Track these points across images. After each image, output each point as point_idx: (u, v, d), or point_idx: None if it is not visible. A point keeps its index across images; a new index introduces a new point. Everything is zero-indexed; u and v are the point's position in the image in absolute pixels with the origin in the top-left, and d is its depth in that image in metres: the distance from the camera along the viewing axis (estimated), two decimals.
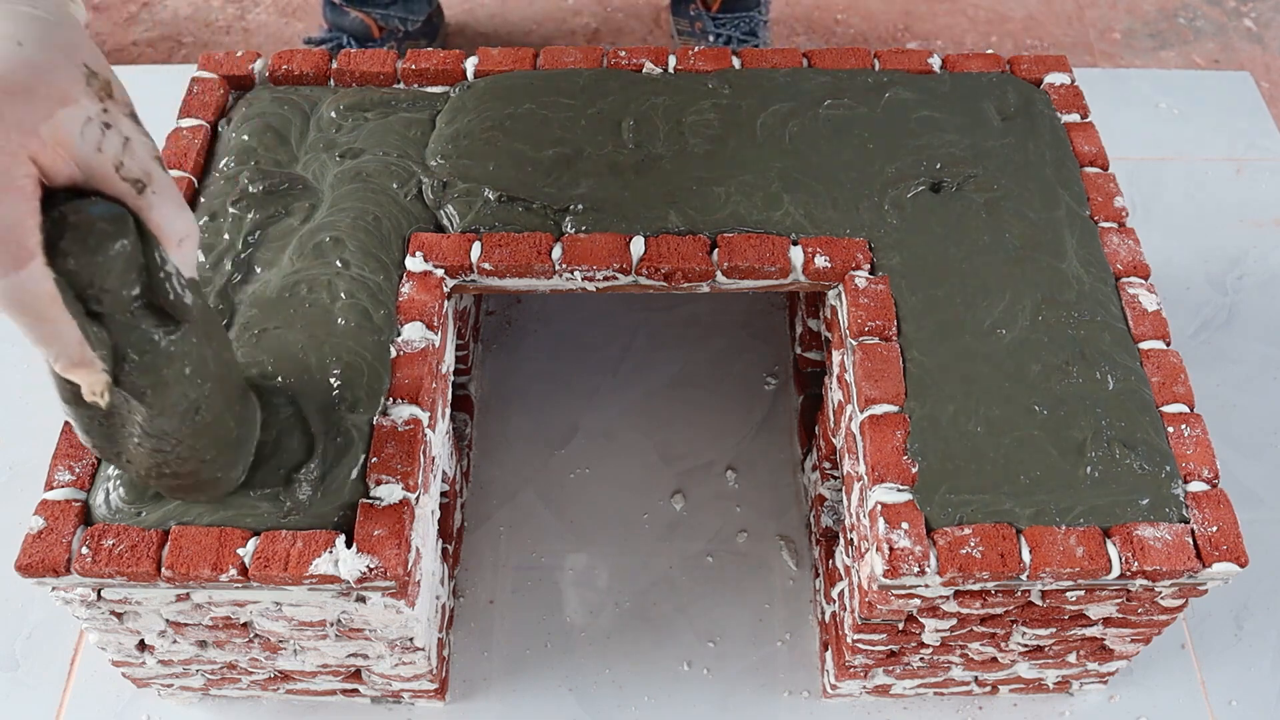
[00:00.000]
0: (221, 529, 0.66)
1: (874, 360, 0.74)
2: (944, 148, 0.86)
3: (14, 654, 0.89)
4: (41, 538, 0.66)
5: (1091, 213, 0.83)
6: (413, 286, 0.77)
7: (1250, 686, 0.89)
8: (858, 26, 1.72)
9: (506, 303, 1.13)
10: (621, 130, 0.86)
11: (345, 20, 1.56)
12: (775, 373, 1.08)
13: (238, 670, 0.80)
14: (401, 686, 0.83)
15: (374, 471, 0.68)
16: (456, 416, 1.01)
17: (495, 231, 0.80)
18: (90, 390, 0.52)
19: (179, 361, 0.56)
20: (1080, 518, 0.68)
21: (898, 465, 0.69)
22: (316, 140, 0.85)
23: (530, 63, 0.91)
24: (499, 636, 0.91)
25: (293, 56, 0.91)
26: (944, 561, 0.66)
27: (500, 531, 0.97)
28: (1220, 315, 1.13)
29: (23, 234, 0.46)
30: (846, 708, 0.88)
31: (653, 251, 0.78)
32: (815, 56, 0.92)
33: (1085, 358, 0.75)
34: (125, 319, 0.53)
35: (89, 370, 0.51)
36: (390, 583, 0.65)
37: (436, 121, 0.86)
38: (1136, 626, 0.75)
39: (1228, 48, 1.69)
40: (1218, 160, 1.27)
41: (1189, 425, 0.72)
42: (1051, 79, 0.92)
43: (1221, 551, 0.67)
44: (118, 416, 0.57)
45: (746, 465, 1.02)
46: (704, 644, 0.91)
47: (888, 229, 0.81)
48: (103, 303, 0.51)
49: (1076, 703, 0.88)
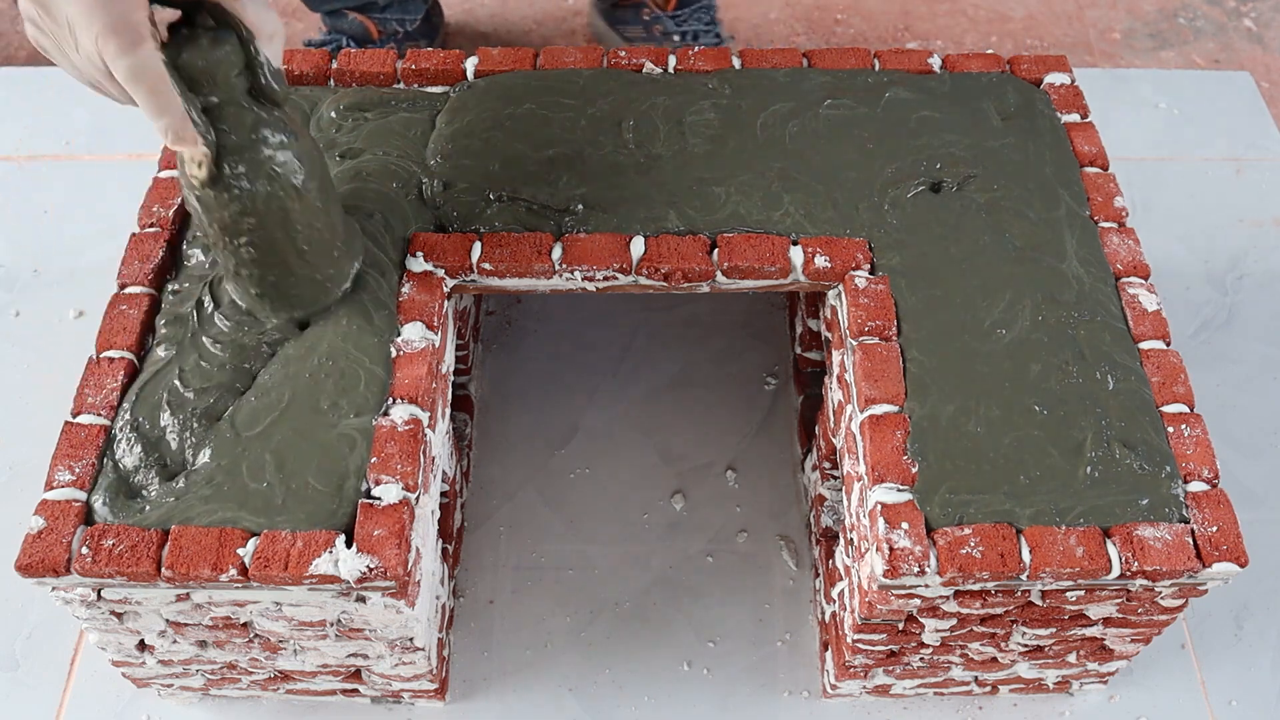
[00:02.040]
0: (222, 529, 0.66)
1: (874, 360, 0.74)
2: (944, 148, 0.86)
3: (14, 654, 0.89)
4: (41, 538, 0.66)
5: (1091, 213, 0.83)
6: (413, 286, 0.77)
7: (1250, 686, 0.89)
8: (858, 26, 1.71)
9: (506, 303, 1.13)
10: (621, 130, 0.86)
11: (344, 23, 1.56)
12: (775, 373, 1.08)
13: (238, 670, 0.80)
14: (401, 686, 0.83)
15: (374, 471, 0.68)
16: (456, 416, 1.01)
17: (495, 231, 0.80)
18: (193, 159, 0.64)
19: (280, 132, 0.67)
20: (1080, 518, 0.68)
21: (898, 465, 0.69)
22: (317, 140, 0.85)
23: (530, 63, 0.91)
24: (499, 636, 0.91)
25: (293, 56, 0.90)
26: (944, 561, 0.66)
27: (500, 531, 0.97)
28: (1220, 315, 1.13)
29: (137, 20, 0.57)
30: (846, 708, 0.88)
31: (653, 251, 0.78)
32: (815, 56, 0.92)
33: (1085, 358, 0.75)
34: (237, 109, 0.65)
35: (192, 143, 0.62)
36: (390, 583, 0.65)
37: (436, 121, 0.86)
38: (1136, 626, 0.75)
39: (1228, 48, 1.68)
40: (1218, 160, 1.27)
41: (1189, 425, 0.72)
42: (1051, 79, 0.92)
43: (1221, 551, 0.67)
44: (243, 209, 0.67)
45: (746, 465, 1.02)
46: (704, 644, 0.91)
47: (888, 229, 0.81)
48: (220, 91, 0.63)
49: (1076, 703, 0.88)
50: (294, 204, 0.68)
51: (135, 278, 0.77)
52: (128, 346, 0.74)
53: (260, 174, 0.66)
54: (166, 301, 0.77)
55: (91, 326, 0.81)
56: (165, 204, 0.81)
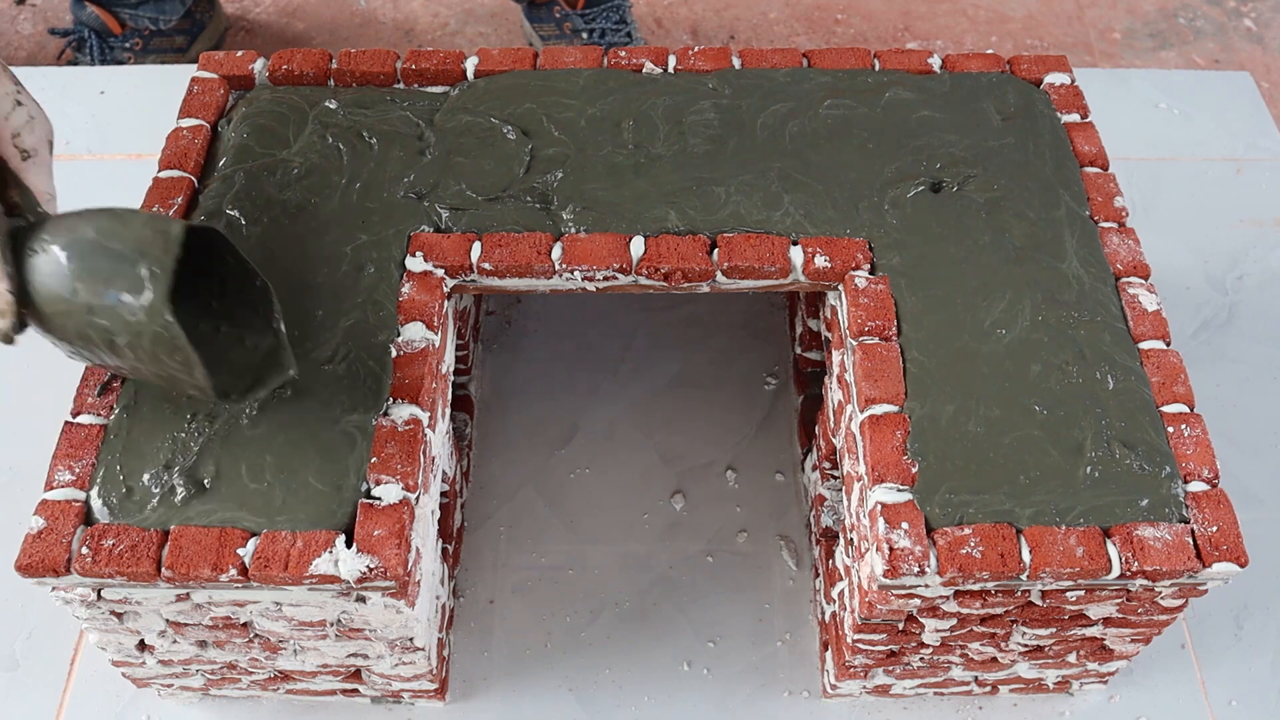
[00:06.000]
0: (222, 529, 0.66)
1: (874, 360, 0.74)
2: (944, 148, 0.86)
3: (14, 654, 0.89)
4: (41, 538, 0.66)
5: (1091, 213, 0.83)
6: (413, 286, 0.77)
7: (1250, 686, 0.89)
8: (858, 26, 1.72)
9: (506, 303, 1.13)
10: (621, 130, 0.86)
11: (84, 14, 1.56)
12: (775, 373, 1.08)
13: (238, 670, 0.80)
14: (401, 686, 0.83)
15: (374, 471, 0.68)
16: (456, 416, 1.01)
17: (495, 231, 0.80)
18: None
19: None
20: (1080, 518, 0.68)
21: (898, 465, 0.69)
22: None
23: (530, 63, 0.91)
24: (499, 636, 0.91)
25: (293, 56, 0.91)
26: (944, 561, 0.66)
27: (500, 531, 0.97)
28: (1220, 315, 1.13)
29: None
30: (846, 708, 0.88)
31: (653, 251, 0.78)
32: (815, 56, 0.92)
33: (1085, 358, 0.75)
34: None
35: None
36: (390, 583, 0.65)
37: (436, 121, 0.86)
38: (1136, 626, 0.75)
39: (1228, 48, 1.69)
40: (1218, 160, 1.27)
41: (1189, 425, 0.72)
42: (1051, 79, 0.92)
43: (1221, 551, 0.67)
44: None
45: (746, 465, 1.02)
46: (704, 644, 0.91)
47: (888, 229, 0.81)
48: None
49: (1076, 703, 0.88)
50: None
51: None
52: None
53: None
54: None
55: None
56: (165, 204, 0.81)
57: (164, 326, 0.60)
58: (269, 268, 0.75)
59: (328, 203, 0.81)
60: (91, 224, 0.62)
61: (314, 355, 0.73)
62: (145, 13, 1.54)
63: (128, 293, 0.60)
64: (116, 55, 1.58)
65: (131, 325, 0.61)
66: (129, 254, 0.60)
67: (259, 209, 0.81)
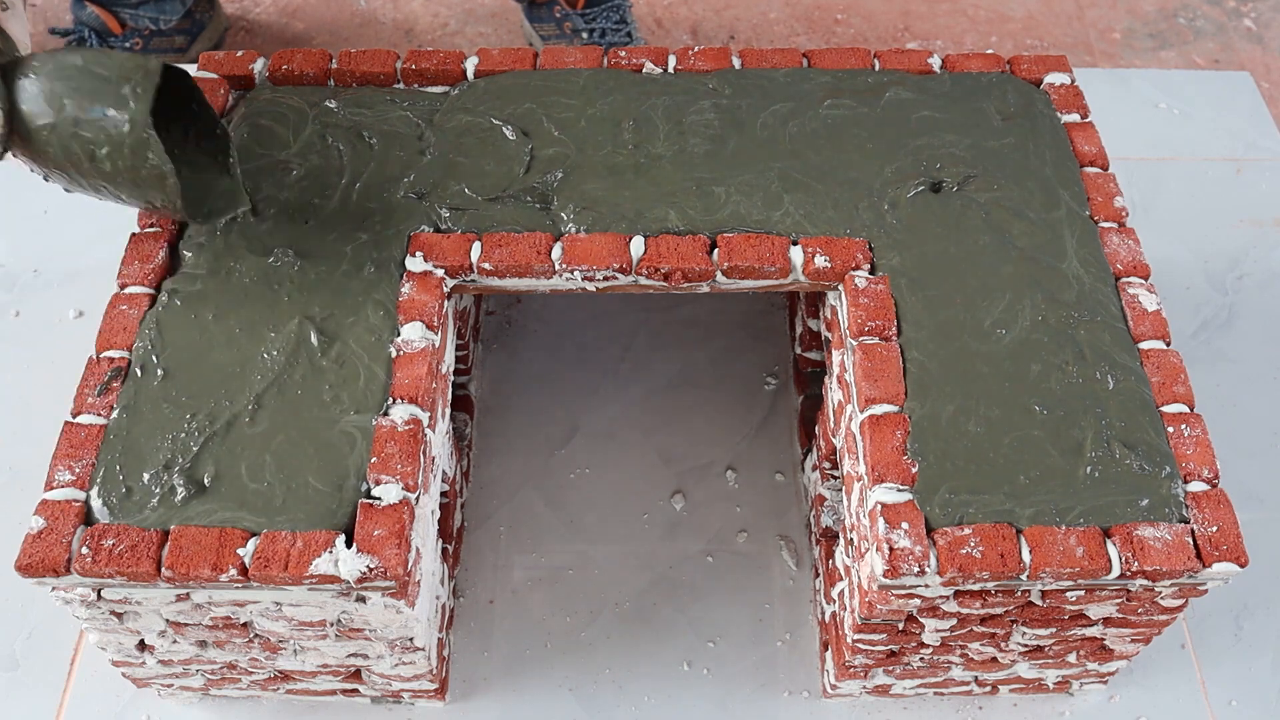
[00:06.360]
0: (221, 529, 0.66)
1: (874, 360, 0.74)
2: (944, 148, 0.86)
3: (14, 654, 0.89)
4: (41, 538, 0.66)
5: (1091, 213, 0.83)
6: (413, 286, 0.77)
7: (1250, 686, 0.89)
8: (858, 26, 1.72)
9: (506, 303, 1.13)
10: (621, 130, 0.86)
11: (84, 14, 1.56)
12: (775, 373, 1.08)
13: (238, 670, 0.80)
14: (401, 686, 0.83)
15: (374, 471, 0.68)
16: (456, 416, 1.01)
17: (495, 231, 0.80)
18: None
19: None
20: (1080, 518, 0.68)
21: (898, 465, 0.69)
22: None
23: (530, 63, 0.91)
24: (499, 636, 0.91)
25: (293, 56, 0.91)
26: (944, 561, 0.66)
27: (500, 531, 0.97)
28: (1220, 315, 1.13)
29: None
30: (846, 708, 0.88)
31: (653, 251, 0.78)
32: (815, 56, 0.92)
33: (1085, 358, 0.75)
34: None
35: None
36: (390, 583, 0.65)
37: (436, 121, 0.86)
38: (1136, 626, 0.75)
39: (1228, 48, 1.69)
40: (1218, 160, 1.27)
41: (1189, 425, 0.72)
42: (1051, 79, 0.92)
43: (1221, 551, 0.67)
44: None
45: (746, 465, 1.02)
46: (704, 644, 0.91)
47: (888, 229, 0.81)
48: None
49: (1076, 703, 0.88)
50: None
51: (135, 278, 0.77)
52: (128, 346, 0.74)
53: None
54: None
55: (91, 326, 0.81)
56: None
57: (145, 136, 0.68)
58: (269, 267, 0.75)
59: (328, 203, 0.81)
60: (79, 54, 0.70)
61: (314, 355, 0.73)
62: (145, 13, 1.54)
63: (112, 108, 0.68)
64: None
65: (114, 137, 0.68)
66: (113, 78, 0.69)
67: (259, 208, 0.81)
